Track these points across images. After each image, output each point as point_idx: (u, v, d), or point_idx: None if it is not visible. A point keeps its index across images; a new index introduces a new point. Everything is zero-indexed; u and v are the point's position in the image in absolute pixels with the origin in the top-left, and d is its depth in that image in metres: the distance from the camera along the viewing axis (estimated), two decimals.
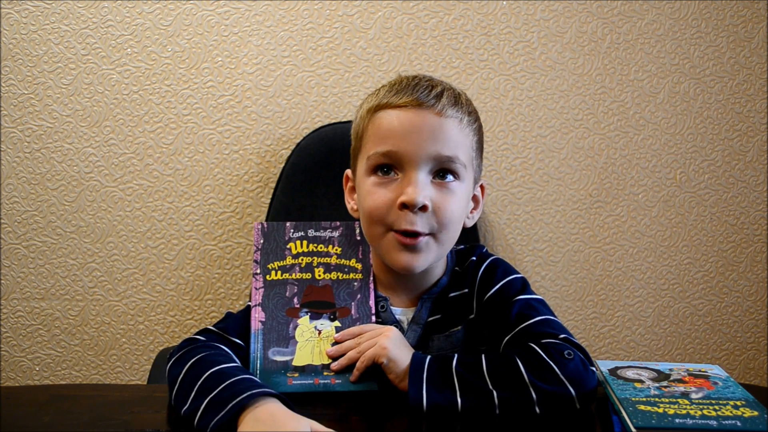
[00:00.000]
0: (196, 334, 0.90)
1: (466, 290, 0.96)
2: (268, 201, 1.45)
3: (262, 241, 0.95)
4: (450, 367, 0.81)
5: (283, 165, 1.43)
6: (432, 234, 0.88)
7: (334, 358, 0.87)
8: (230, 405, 0.74)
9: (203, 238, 1.48)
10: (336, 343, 0.88)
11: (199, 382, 0.79)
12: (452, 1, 1.47)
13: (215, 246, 1.48)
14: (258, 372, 0.87)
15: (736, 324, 1.61)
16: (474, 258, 0.98)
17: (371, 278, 0.93)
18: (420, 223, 0.87)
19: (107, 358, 1.50)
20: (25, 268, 1.47)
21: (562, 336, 0.86)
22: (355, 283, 0.93)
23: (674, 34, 1.52)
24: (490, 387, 0.79)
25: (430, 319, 0.95)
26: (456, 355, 0.83)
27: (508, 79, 1.50)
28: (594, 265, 1.56)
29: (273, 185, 1.45)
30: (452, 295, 0.96)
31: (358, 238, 0.96)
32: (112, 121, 1.45)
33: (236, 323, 0.93)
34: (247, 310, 0.94)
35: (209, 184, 1.47)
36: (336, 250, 0.95)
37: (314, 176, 1.39)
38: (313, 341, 0.89)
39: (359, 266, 0.94)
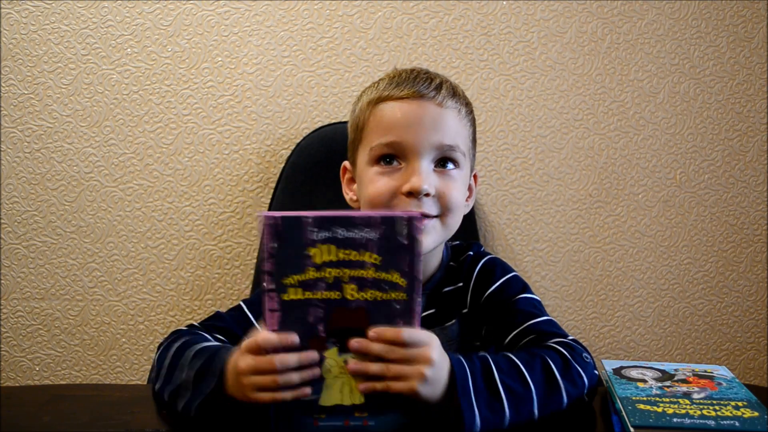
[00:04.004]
0: (183, 327, 0.91)
1: (461, 284, 0.97)
2: (268, 201, 1.45)
3: (275, 245, 0.71)
4: (493, 377, 0.76)
5: (283, 165, 1.43)
6: (438, 216, 0.90)
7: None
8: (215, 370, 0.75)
9: (203, 238, 1.48)
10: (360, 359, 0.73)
11: (181, 360, 0.80)
12: (452, 1, 1.47)
13: (215, 246, 1.48)
14: (279, 411, 0.75)
15: (736, 324, 1.61)
16: (471, 253, 0.99)
17: (419, 298, 0.73)
18: (426, 206, 0.88)
19: (107, 358, 1.50)
20: (25, 268, 1.47)
21: (570, 338, 0.86)
22: (397, 305, 0.72)
23: (674, 34, 1.52)
24: (533, 393, 0.76)
25: (425, 313, 0.95)
26: (490, 359, 0.78)
27: (508, 79, 1.50)
28: (594, 265, 1.56)
29: (273, 185, 1.45)
30: (446, 289, 0.97)
31: (405, 241, 0.71)
32: (112, 121, 1.45)
33: (224, 323, 0.92)
34: (238, 311, 0.94)
35: (209, 184, 1.47)
36: (374, 258, 0.72)
37: (314, 176, 1.39)
38: (342, 378, 0.74)
39: (403, 282, 0.72)
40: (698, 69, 1.54)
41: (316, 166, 1.39)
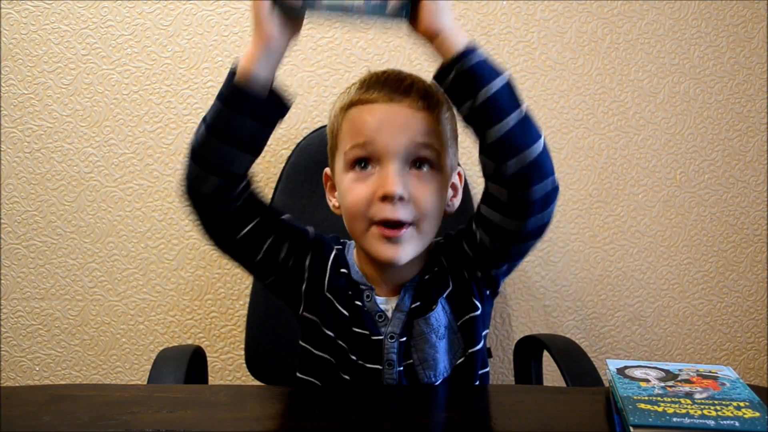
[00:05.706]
0: None
1: (436, 269, 0.97)
2: (268, 201, 1.44)
3: None
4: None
5: (283, 165, 1.43)
6: (414, 224, 0.89)
7: None
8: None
9: (203, 238, 1.48)
10: None
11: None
12: (452, 1, 1.47)
13: None
14: None
15: (736, 324, 1.61)
16: (441, 239, 0.99)
17: None
18: (401, 212, 0.88)
19: (107, 358, 1.50)
20: (25, 268, 1.46)
21: None
22: None
23: (674, 34, 1.52)
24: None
25: (413, 305, 0.95)
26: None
27: None
28: (594, 265, 1.56)
29: (273, 185, 1.45)
30: (427, 277, 0.97)
31: None
32: (112, 121, 1.45)
33: None
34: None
35: None
36: None
37: (314, 176, 1.39)
38: None
39: None
40: (698, 69, 1.54)
41: (316, 166, 1.39)
